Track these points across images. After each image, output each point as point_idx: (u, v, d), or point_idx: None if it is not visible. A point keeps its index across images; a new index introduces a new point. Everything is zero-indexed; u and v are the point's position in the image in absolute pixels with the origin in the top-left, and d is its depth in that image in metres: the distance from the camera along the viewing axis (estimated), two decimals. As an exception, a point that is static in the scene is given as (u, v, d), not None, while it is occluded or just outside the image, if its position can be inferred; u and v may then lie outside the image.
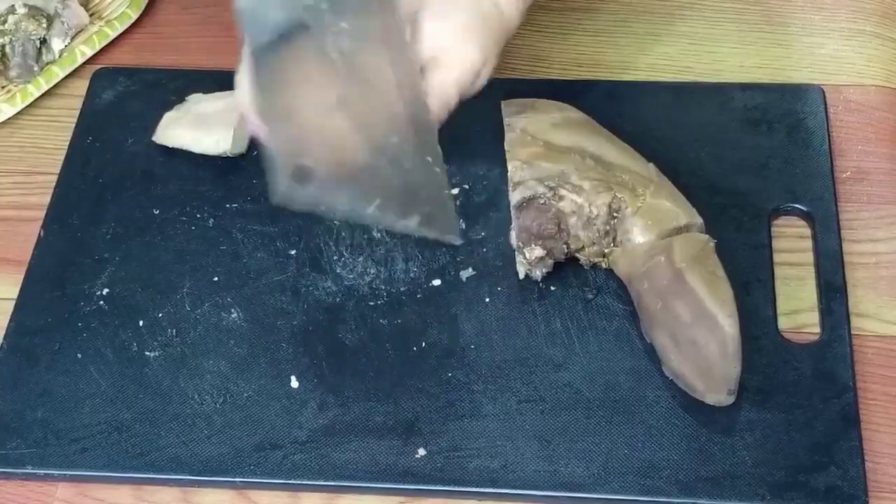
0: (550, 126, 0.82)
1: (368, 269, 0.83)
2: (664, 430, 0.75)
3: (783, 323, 0.79)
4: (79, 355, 0.80)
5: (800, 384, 0.76)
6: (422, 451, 0.75)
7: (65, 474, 0.76)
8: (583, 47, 0.97)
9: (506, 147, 0.82)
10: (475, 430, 0.76)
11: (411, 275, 0.83)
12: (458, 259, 0.83)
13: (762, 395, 0.76)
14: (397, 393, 0.77)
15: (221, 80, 0.94)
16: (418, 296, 0.82)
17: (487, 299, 0.81)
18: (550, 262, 0.80)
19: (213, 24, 1.01)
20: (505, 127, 0.83)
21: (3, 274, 0.86)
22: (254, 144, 0.90)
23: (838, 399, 0.75)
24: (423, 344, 0.80)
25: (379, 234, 0.85)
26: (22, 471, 0.76)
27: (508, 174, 0.81)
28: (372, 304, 0.82)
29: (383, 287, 0.82)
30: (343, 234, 0.85)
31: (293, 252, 0.85)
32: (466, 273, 0.83)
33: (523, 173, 0.79)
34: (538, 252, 0.79)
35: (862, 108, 0.92)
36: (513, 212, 0.80)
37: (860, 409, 0.75)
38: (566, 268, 0.82)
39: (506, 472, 0.74)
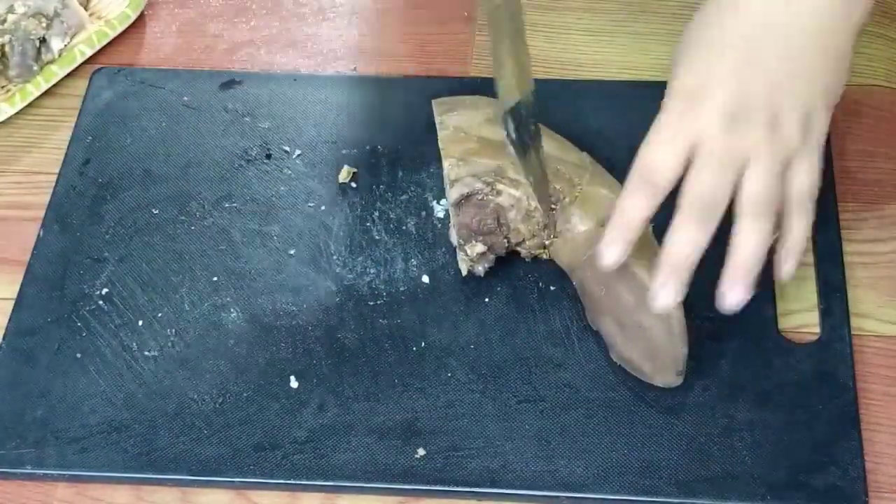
0: (484, 121, 0.82)
1: (368, 269, 0.83)
2: (664, 430, 0.75)
3: (783, 323, 0.79)
4: (78, 355, 0.80)
5: (800, 384, 0.76)
6: (421, 451, 0.75)
7: (64, 474, 0.76)
8: (583, 47, 0.97)
9: (440, 145, 0.82)
10: (474, 429, 0.76)
11: (411, 275, 0.83)
12: (458, 259, 0.83)
13: (762, 395, 0.76)
14: (397, 393, 0.77)
15: (221, 80, 0.95)
16: (418, 295, 0.82)
17: (487, 299, 0.81)
18: (492, 256, 0.81)
19: (213, 24, 1.01)
20: (437, 125, 0.83)
21: (3, 274, 0.86)
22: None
23: (838, 399, 0.75)
24: (423, 344, 0.79)
25: (379, 235, 0.85)
26: (21, 471, 0.76)
27: (444, 172, 0.81)
28: (371, 303, 0.82)
29: (383, 287, 0.82)
30: (342, 233, 0.85)
31: (292, 252, 0.85)
32: (465, 273, 0.82)
33: (459, 170, 0.79)
34: (479, 248, 0.79)
35: (862, 108, 0.91)
36: (451, 209, 0.80)
37: (860, 409, 0.75)
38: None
39: (505, 471, 0.74)
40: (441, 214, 0.85)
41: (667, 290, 0.69)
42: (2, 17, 0.94)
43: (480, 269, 0.81)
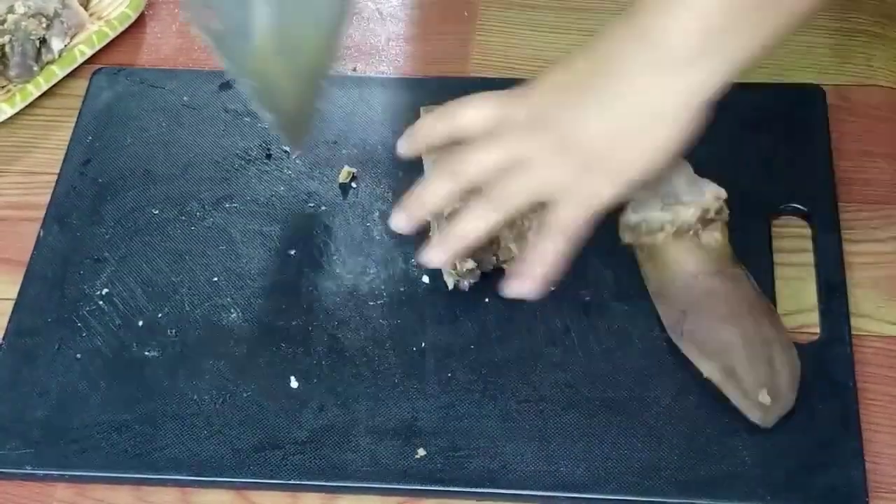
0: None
1: (368, 269, 0.83)
2: (664, 431, 0.75)
3: (783, 323, 0.79)
4: (78, 356, 0.80)
5: (800, 384, 0.76)
6: (421, 452, 0.75)
7: (64, 475, 0.76)
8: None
9: (424, 158, 0.82)
10: (475, 430, 0.76)
11: (411, 275, 0.83)
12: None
13: (762, 396, 0.76)
14: (397, 393, 0.77)
15: (221, 80, 0.95)
16: (418, 296, 0.82)
17: (487, 299, 0.81)
18: (479, 272, 0.80)
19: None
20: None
21: (3, 274, 0.86)
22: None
23: (838, 399, 0.75)
24: (423, 344, 0.79)
25: (379, 235, 0.85)
26: (21, 471, 0.76)
27: None
28: (371, 304, 0.82)
29: (383, 287, 0.82)
30: (342, 234, 0.85)
31: (293, 252, 0.85)
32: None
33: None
34: (469, 264, 0.79)
35: (862, 108, 0.92)
36: (440, 223, 0.79)
37: (860, 409, 0.75)
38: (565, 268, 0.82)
39: (505, 472, 0.74)
40: (441, 214, 0.85)
41: (436, 253, 0.75)
42: (2, 18, 0.94)
43: (466, 284, 0.81)
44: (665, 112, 0.69)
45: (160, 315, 0.82)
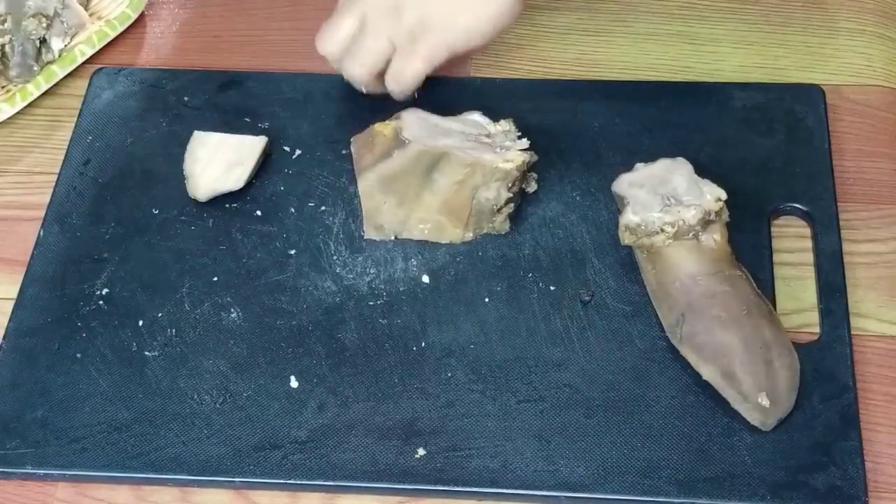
0: None
1: (368, 269, 0.83)
2: (664, 430, 0.75)
3: (783, 323, 0.79)
4: (78, 355, 0.80)
5: (800, 384, 0.76)
6: (421, 451, 0.75)
7: (64, 474, 0.76)
8: (583, 47, 0.97)
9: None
10: (475, 429, 0.76)
11: (411, 274, 0.83)
12: (458, 259, 0.83)
13: (762, 395, 0.76)
14: (397, 393, 0.77)
15: (221, 80, 0.95)
16: (418, 295, 0.82)
17: (487, 299, 0.81)
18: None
19: (213, 24, 1.01)
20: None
21: (3, 274, 0.86)
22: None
23: (838, 399, 0.75)
24: (423, 344, 0.80)
25: (379, 234, 0.85)
26: (21, 471, 0.76)
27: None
28: (371, 303, 0.82)
29: (383, 287, 0.82)
30: (342, 233, 0.85)
31: (293, 252, 0.85)
32: (465, 273, 0.83)
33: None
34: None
35: (862, 108, 0.92)
36: None
37: (860, 409, 0.75)
38: (565, 267, 0.82)
39: (505, 471, 0.74)
40: (441, 214, 0.86)
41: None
42: (2, 18, 0.94)
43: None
44: None
45: (160, 315, 0.82)
